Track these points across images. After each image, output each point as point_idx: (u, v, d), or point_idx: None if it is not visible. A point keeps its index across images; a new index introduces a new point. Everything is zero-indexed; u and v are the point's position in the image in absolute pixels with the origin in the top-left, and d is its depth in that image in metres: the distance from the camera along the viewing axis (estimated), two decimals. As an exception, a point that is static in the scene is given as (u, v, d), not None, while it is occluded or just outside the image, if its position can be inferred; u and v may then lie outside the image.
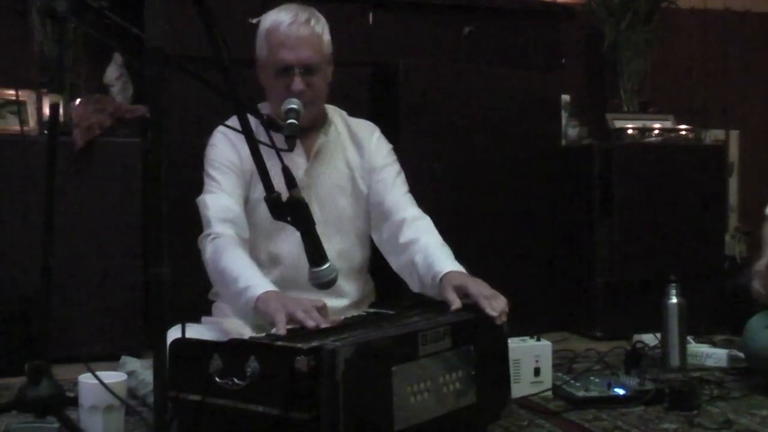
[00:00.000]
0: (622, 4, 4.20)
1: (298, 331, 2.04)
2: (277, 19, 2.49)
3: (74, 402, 2.18)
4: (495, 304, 2.21)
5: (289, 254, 2.51)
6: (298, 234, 2.15)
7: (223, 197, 2.49)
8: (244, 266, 2.33)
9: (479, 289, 2.25)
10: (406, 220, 2.55)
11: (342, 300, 2.58)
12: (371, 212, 2.64)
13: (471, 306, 2.23)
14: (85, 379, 2.12)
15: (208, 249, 2.39)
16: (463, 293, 2.26)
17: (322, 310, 2.14)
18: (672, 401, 2.52)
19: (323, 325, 2.07)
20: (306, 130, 2.55)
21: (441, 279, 2.33)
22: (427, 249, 2.45)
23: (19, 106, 3.41)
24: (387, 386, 1.87)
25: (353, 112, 2.76)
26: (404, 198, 2.62)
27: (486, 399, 2.19)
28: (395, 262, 2.57)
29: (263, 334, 2.10)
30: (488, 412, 2.25)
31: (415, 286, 2.49)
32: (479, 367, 2.15)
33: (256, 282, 2.26)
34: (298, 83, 2.45)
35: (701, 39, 4.69)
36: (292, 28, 2.46)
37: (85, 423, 2.13)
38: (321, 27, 2.53)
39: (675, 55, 4.59)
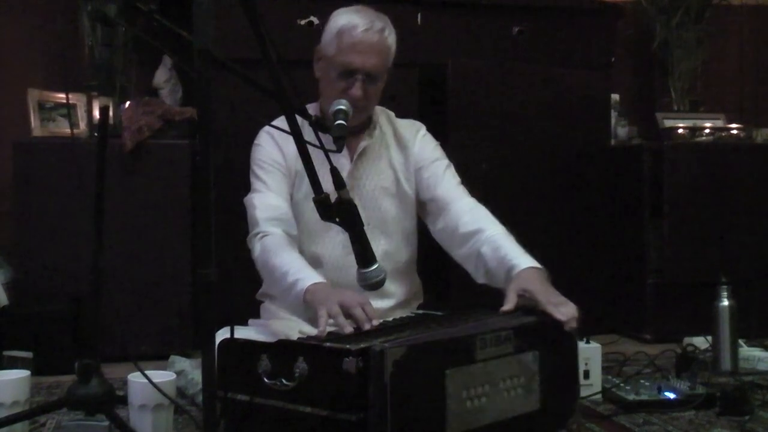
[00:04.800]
0: (673, 1, 4.15)
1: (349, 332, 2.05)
2: (352, 21, 2.48)
3: (124, 401, 2.20)
4: (563, 311, 2.19)
5: (331, 256, 2.52)
6: (341, 236, 2.16)
7: (270, 196, 2.50)
8: (293, 261, 2.35)
9: (547, 296, 2.23)
10: (462, 210, 2.54)
11: (388, 301, 2.57)
12: (426, 207, 2.64)
13: (539, 311, 2.21)
14: (135, 378, 2.14)
15: (257, 248, 2.41)
16: (530, 297, 2.24)
17: (367, 306, 2.15)
18: (723, 406, 2.48)
19: (365, 327, 2.08)
20: (351, 132, 2.55)
21: (514, 276, 2.32)
22: (493, 240, 2.44)
23: (69, 109, 3.45)
24: (439, 389, 1.86)
25: (401, 113, 2.76)
26: (457, 189, 2.61)
27: (551, 406, 2.15)
28: (457, 253, 2.55)
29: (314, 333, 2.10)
30: (553, 420, 2.21)
31: (480, 277, 2.48)
32: (544, 373, 2.11)
33: (305, 275, 2.27)
34: (357, 89, 2.45)
35: (753, 36, 4.62)
36: (367, 35, 2.46)
37: (134, 421, 2.15)
38: (392, 39, 2.53)
39: (726, 53, 4.53)
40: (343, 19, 2.50)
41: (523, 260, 2.36)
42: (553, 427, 2.22)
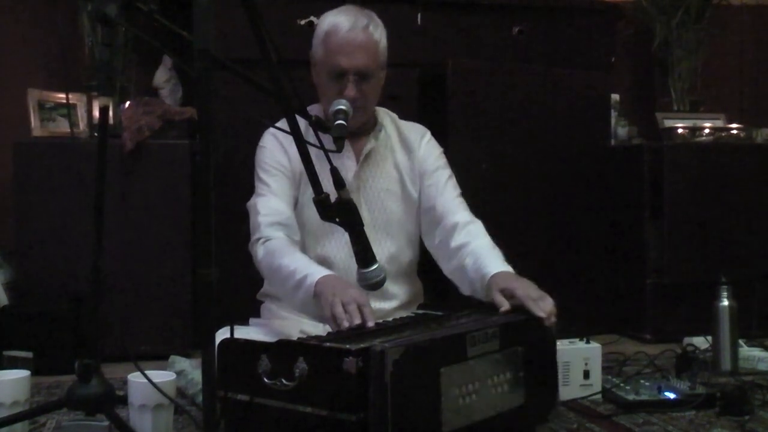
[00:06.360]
0: (673, 1, 4.15)
1: (348, 332, 2.06)
2: (336, 22, 2.48)
3: (124, 401, 2.19)
4: (543, 305, 2.20)
5: (338, 257, 2.52)
6: (347, 236, 2.16)
7: (273, 200, 2.50)
8: (299, 260, 2.36)
9: (527, 291, 2.24)
10: (457, 224, 2.54)
11: (390, 302, 2.58)
12: (423, 217, 2.64)
13: (518, 307, 2.23)
14: (135, 378, 2.14)
15: (260, 252, 2.41)
16: (509, 295, 2.25)
17: (365, 308, 2.15)
18: (723, 406, 2.48)
19: (356, 322, 2.09)
20: (356, 134, 2.56)
21: (488, 281, 2.32)
22: (476, 252, 2.45)
23: (69, 109, 3.45)
24: (435, 388, 1.87)
25: (401, 113, 2.76)
26: (455, 202, 2.61)
27: (534, 401, 2.18)
28: (446, 267, 2.57)
29: (323, 327, 2.11)
30: (536, 414, 2.24)
31: (465, 289, 2.49)
32: (527, 369, 2.15)
33: (314, 270, 2.28)
34: (350, 90, 2.45)
35: (753, 35, 4.62)
36: (351, 34, 2.46)
37: (134, 421, 2.14)
38: (379, 34, 2.52)
39: (726, 52, 4.52)
40: (327, 21, 2.51)
41: (495, 266, 2.37)
42: (536, 421, 2.25)
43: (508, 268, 2.38)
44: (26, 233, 3.27)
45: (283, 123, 2.18)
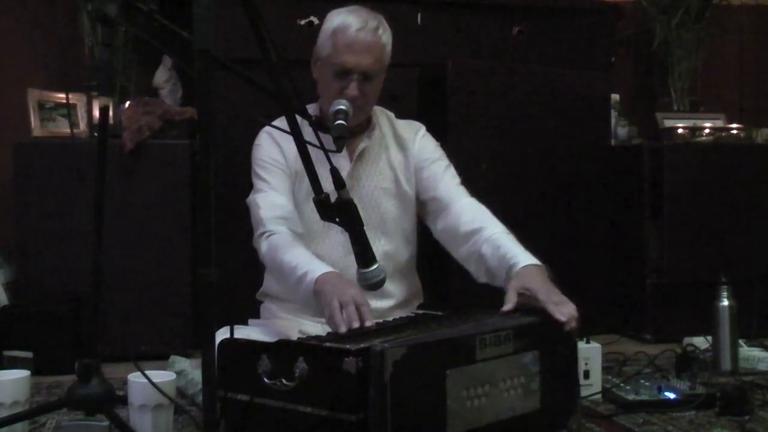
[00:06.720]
0: (673, 1, 4.15)
1: (348, 332, 2.06)
2: (346, 21, 2.49)
3: (124, 400, 2.20)
4: (564, 310, 2.18)
5: (332, 256, 2.51)
6: (341, 236, 2.17)
7: (274, 195, 2.51)
8: (301, 255, 2.35)
9: (549, 295, 2.21)
10: (463, 209, 2.54)
11: (387, 301, 2.57)
12: (426, 207, 2.64)
13: (539, 310, 2.20)
14: (135, 378, 2.14)
15: (264, 247, 2.41)
16: (529, 296, 2.23)
17: (363, 307, 2.15)
18: (723, 406, 2.48)
19: (354, 325, 2.09)
20: (350, 133, 2.55)
21: (514, 273, 2.31)
22: (494, 240, 2.43)
23: (69, 109, 3.45)
24: (440, 390, 1.85)
25: (401, 113, 2.76)
26: (457, 189, 2.61)
27: (551, 406, 2.14)
28: (457, 253, 2.55)
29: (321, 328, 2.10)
30: (553, 420, 2.21)
31: (481, 277, 2.47)
32: (545, 373, 2.11)
33: (314, 266, 2.28)
34: (353, 89, 2.45)
35: (753, 35, 4.61)
36: (360, 34, 2.46)
37: (134, 421, 2.15)
38: (387, 37, 2.53)
39: (726, 52, 4.52)
40: (337, 19, 2.51)
41: (523, 258, 2.35)
42: (553, 427, 2.22)
43: (534, 260, 2.35)
44: (26, 233, 3.27)
45: (279, 121, 2.18)
